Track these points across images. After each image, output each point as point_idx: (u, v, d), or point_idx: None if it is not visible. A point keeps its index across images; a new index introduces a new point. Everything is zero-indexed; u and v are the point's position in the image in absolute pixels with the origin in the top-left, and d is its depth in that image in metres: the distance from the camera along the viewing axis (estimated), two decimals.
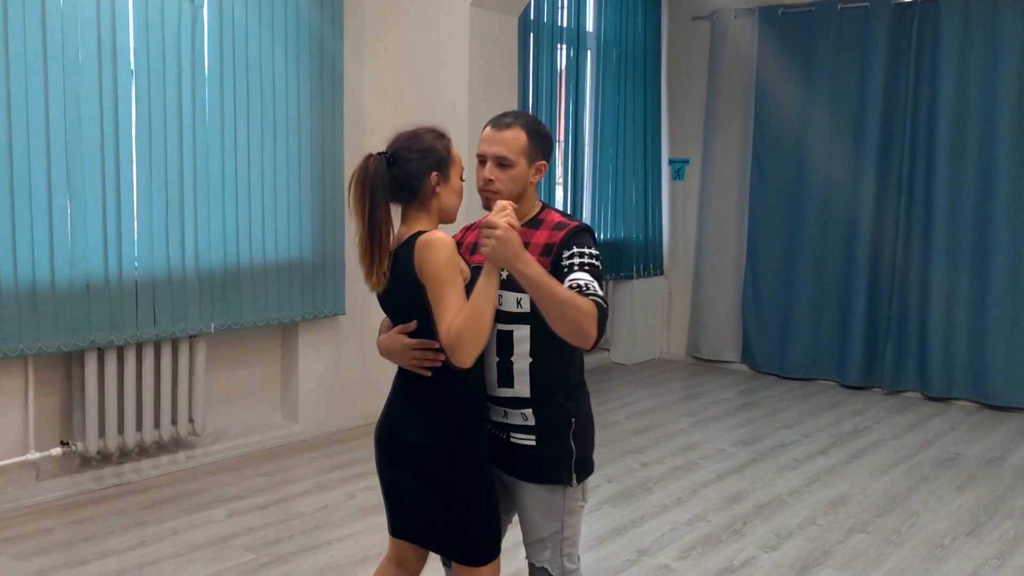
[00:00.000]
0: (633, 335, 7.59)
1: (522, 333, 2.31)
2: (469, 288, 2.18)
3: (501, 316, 2.28)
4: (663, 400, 6.56)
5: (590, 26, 7.05)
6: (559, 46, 6.70)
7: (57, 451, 4.29)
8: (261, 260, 4.94)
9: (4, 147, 3.95)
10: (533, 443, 2.36)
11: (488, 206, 2.35)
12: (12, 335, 4.02)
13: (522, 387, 2.34)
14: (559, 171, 6.85)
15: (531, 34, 6.40)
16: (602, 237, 7.23)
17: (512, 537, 2.62)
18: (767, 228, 7.29)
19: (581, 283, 2.19)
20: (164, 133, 4.48)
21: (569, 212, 2.44)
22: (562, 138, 6.84)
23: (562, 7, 6.75)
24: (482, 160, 2.36)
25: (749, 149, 7.34)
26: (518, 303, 2.30)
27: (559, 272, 2.24)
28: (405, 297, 2.28)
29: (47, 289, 4.12)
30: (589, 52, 7.06)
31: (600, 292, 2.19)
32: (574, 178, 6.90)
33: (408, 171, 2.27)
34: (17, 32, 3.96)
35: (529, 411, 2.35)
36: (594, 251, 2.29)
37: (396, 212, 2.31)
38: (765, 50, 7.21)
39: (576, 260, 2.25)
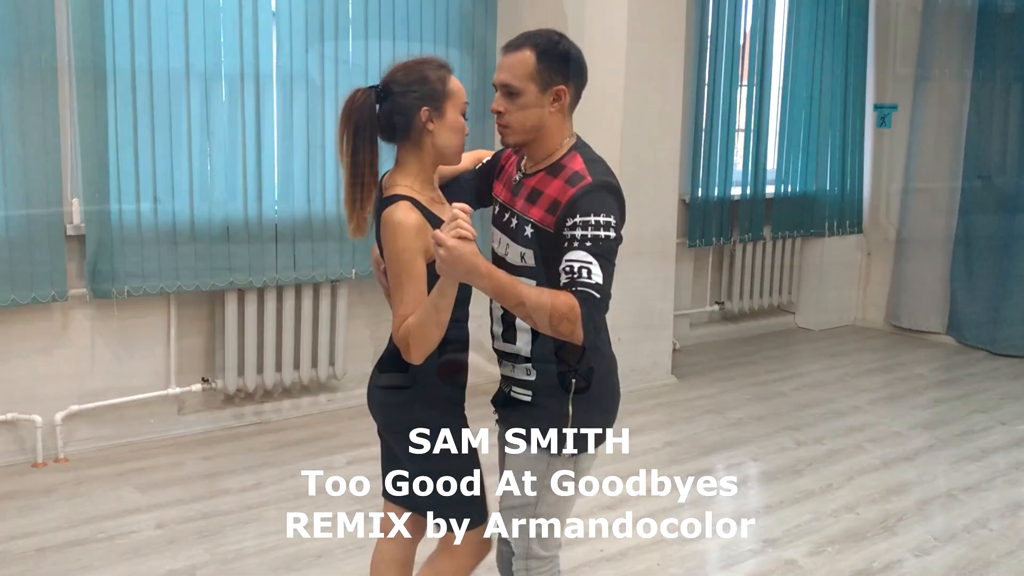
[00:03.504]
0: (822, 298, 6.94)
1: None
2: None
3: (505, 268, 2.04)
4: (844, 372, 5.96)
5: None
6: None
7: (197, 387, 4.44)
8: None
9: (145, 89, 4.05)
10: (529, 399, 2.13)
11: (505, 142, 2.10)
12: (153, 274, 4.16)
13: (524, 344, 2.11)
14: (740, 117, 6.32)
15: None
16: (790, 190, 6.63)
17: None
18: (985, 184, 6.41)
19: (574, 267, 1.89)
20: (305, 77, 4.46)
21: (599, 158, 1.98)
22: (745, 81, 6.29)
23: None
24: (496, 90, 2.09)
25: (967, 95, 6.44)
26: (522, 257, 2.05)
27: (561, 242, 1.95)
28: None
29: (187, 230, 4.23)
30: None
31: (595, 278, 1.88)
32: (758, 125, 6.33)
33: (396, 105, 2.06)
34: None
35: (531, 366, 2.12)
36: (603, 218, 1.93)
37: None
38: None
39: (578, 233, 1.93)
